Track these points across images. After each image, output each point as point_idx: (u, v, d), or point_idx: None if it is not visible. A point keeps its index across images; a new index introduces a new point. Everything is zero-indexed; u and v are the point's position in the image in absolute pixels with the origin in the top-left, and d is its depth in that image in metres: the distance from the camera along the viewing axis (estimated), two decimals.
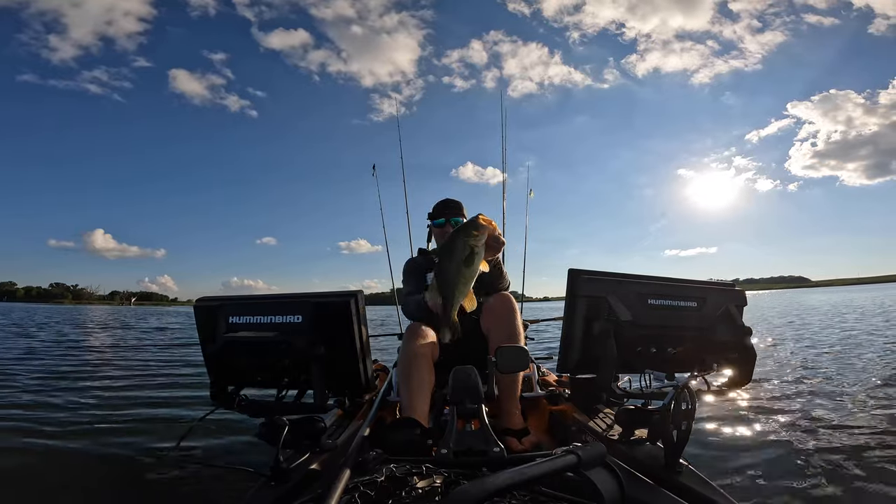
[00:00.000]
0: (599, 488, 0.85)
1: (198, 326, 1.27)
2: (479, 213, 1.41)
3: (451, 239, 1.40)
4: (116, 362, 6.72)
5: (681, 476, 1.10)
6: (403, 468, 0.93)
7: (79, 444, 2.77)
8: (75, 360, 6.87)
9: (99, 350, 8.43)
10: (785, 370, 4.93)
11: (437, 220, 2.31)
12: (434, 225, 2.34)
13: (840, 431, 2.75)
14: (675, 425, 1.11)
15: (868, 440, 2.59)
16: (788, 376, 4.57)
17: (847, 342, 7.09)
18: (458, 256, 1.36)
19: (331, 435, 1.52)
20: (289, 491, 1.08)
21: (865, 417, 3.05)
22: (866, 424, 2.87)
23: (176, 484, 2.20)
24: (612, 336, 1.14)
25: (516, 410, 1.82)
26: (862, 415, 3.12)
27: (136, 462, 2.48)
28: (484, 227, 1.37)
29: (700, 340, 1.22)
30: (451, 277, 1.39)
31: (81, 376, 5.33)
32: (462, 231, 1.38)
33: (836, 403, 3.43)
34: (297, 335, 1.13)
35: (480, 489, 0.70)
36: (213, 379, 1.24)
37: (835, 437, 2.67)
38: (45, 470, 2.39)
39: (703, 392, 1.25)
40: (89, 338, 11.33)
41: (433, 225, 2.35)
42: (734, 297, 1.27)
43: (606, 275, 1.20)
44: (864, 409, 3.28)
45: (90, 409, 3.66)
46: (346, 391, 1.30)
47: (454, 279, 1.39)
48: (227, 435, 2.84)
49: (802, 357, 5.83)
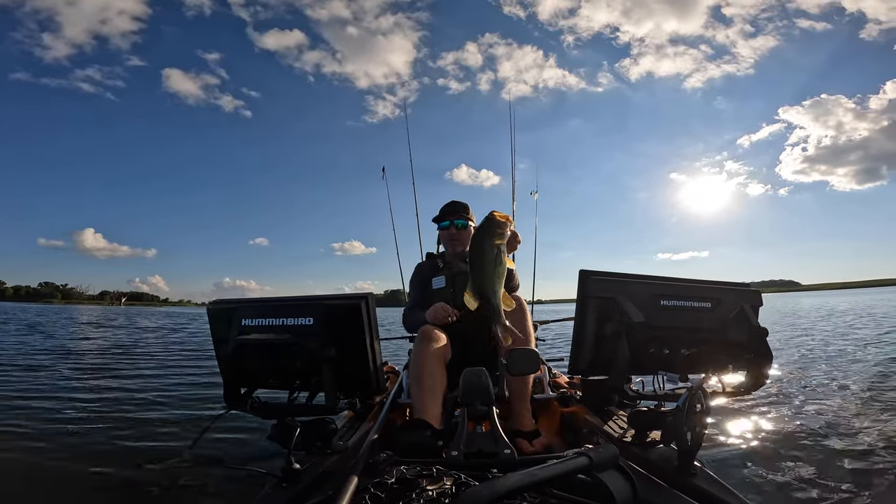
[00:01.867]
0: (612, 491, 0.84)
1: (211, 329, 1.29)
2: (491, 210, 1.40)
3: (478, 241, 1.37)
4: (127, 363, 6.83)
5: (695, 478, 1.08)
6: (414, 470, 0.93)
7: (93, 443, 2.82)
8: (89, 360, 7.00)
9: (107, 350, 8.57)
10: (800, 371, 4.84)
11: (443, 223, 2.31)
12: (440, 227, 2.34)
13: (858, 433, 2.69)
14: (688, 427, 1.10)
15: (886, 441, 2.53)
16: (803, 378, 4.49)
17: (858, 344, 6.95)
18: (490, 257, 1.34)
19: (342, 437, 1.53)
20: (300, 492, 1.09)
21: (882, 419, 2.98)
22: (883, 426, 2.81)
23: (189, 484, 2.23)
24: (623, 337, 1.13)
25: (527, 412, 1.81)
26: (879, 417, 3.05)
27: (151, 462, 2.51)
28: (505, 223, 1.37)
29: (714, 341, 1.20)
30: (488, 280, 1.36)
31: (95, 376, 5.43)
32: (486, 231, 1.36)
33: (853, 405, 3.36)
34: (308, 337, 1.14)
35: (491, 491, 0.70)
36: (227, 380, 1.26)
37: (852, 438, 2.61)
38: (59, 469, 2.44)
39: (718, 394, 1.23)
40: (95, 337, 11.53)
41: (438, 227, 2.35)
42: (749, 298, 1.25)
43: (618, 275, 1.19)
44: (880, 411, 3.20)
45: (104, 410, 3.73)
46: (356, 393, 1.31)
47: (492, 281, 1.36)
48: (239, 436, 2.87)
49: (816, 358, 5.72)
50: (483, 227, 1.38)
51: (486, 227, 1.37)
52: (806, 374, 4.73)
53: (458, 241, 2.29)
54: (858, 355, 5.82)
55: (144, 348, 9.34)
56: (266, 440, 1.21)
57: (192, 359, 7.44)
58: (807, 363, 5.40)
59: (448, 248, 2.33)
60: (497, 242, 1.35)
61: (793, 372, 4.85)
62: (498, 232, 1.35)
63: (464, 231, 2.28)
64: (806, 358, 5.83)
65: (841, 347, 6.72)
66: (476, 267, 1.38)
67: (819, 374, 4.71)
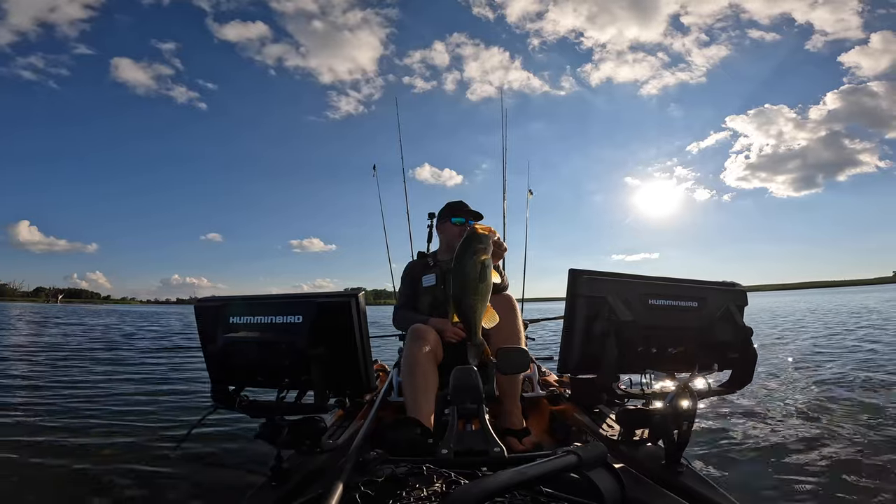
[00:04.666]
0: (600, 488, 0.85)
1: (198, 327, 1.27)
2: (474, 223, 1.38)
3: (459, 259, 1.34)
4: (112, 361, 6.72)
5: (682, 476, 1.10)
6: (404, 468, 0.93)
7: (79, 443, 2.77)
8: (71, 359, 6.87)
9: (94, 350, 8.43)
10: (784, 370, 4.94)
11: (456, 219, 2.26)
12: (451, 223, 2.29)
13: (842, 430, 2.75)
14: (675, 425, 1.11)
15: (871, 438, 2.59)
16: (788, 376, 4.57)
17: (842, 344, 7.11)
18: (472, 275, 1.31)
19: (331, 435, 1.52)
20: (289, 491, 1.09)
21: (867, 416, 3.05)
22: (868, 423, 2.87)
23: (177, 484, 2.20)
24: (612, 336, 1.14)
25: (517, 410, 1.82)
26: (864, 413, 3.12)
27: (138, 462, 2.48)
28: (487, 237, 1.34)
29: (701, 340, 1.21)
30: (468, 300, 1.33)
31: (77, 375, 5.33)
32: (467, 248, 1.33)
33: (837, 403, 3.43)
34: (297, 335, 1.13)
35: (481, 489, 0.70)
36: (214, 379, 1.24)
37: (835, 436, 2.66)
38: (44, 470, 2.39)
39: (704, 392, 1.25)
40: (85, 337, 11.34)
41: (450, 222, 2.29)
42: (735, 297, 1.27)
43: (607, 275, 1.20)
44: (866, 408, 3.28)
45: (89, 409, 3.66)
46: (346, 391, 1.30)
47: (472, 301, 1.33)
48: (227, 435, 2.84)
49: (800, 357, 5.84)
50: (463, 245, 1.34)
51: (466, 243, 1.33)
52: (792, 373, 4.82)
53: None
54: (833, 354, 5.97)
55: (133, 348, 9.19)
56: (254, 439, 1.20)
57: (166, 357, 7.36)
58: (795, 362, 5.51)
59: (457, 243, 2.28)
60: (482, 258, 1.32)
61: (779, 370, 4.93)
62: (479, 248, 1.32)
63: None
64: (796, 356, 5.95)
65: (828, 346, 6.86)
66: (456, 286, 1.35)
67: (809, 372, 4.80)
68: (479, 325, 1.37)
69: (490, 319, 1.40)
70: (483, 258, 1.32)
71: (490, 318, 1.40)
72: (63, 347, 8.65)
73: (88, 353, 7.81)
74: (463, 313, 1.36)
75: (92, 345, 9.40)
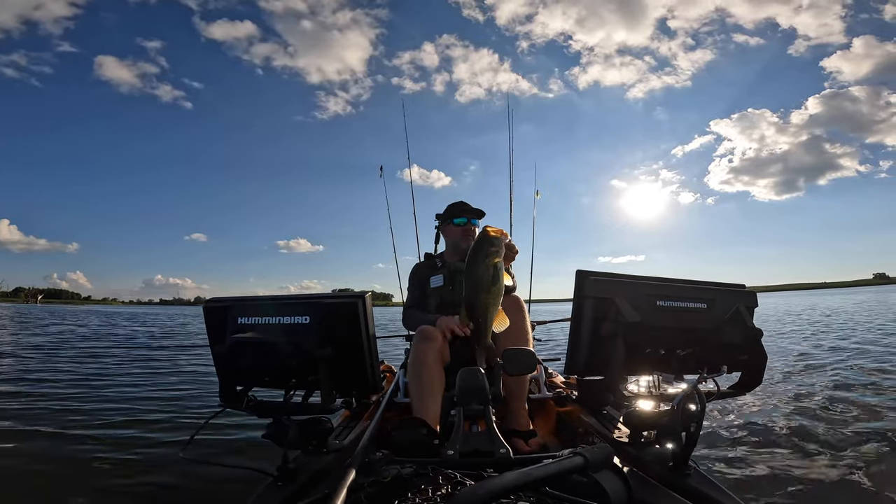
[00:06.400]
0: (606, 490, 0.85)
1: (207, 327, 1.28)
2: (484, 225, 1.38)
3: (471, 262, 1.35)
4: (123, 360, 6.79)
5: (689, 478, 1.09)
6: (409, 469, 0.93)
7: (87, 443, 2.81)
8: (84, 359, 6.96)
9: (94, 350, 8.52)
10: (795, 372, 4.87)
11: (458, 220, 2.27)
12: (454, 224, 2.29)
13: (852, 434, 2.71)
14: (683, 427, 1.10)
15: (879, 441, 2.55)
16: (798, 378, 4.52)
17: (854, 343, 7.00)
18: (484, 277, 1.32)
19: (338, 435, 1.52)
20: (295, 491, 1.09)
21: (879, 418, 3.00)
22: (879, 426, 2.83)
23: (185, 483, 2.22)
24: (619, 337, 1.13)
25: (523, 412, 1.82)
26: (874, 415, 3.07)
27: (146, 461, 2.50)
28: (500, 239, 1.34)
29: (709, 342, 1.20)
30: (480, 302, 1.34)
31: (90, 375, 5.40)
32: (479, 251, 1.34)
33: (848, 405, 3.38)
34: (304, 336, 1.14)
35: (486, 490, 0.70)
36: (222, 379, 1.25)
37: (846, 439, 2.63)
38: (52, 469, 2.43)
39: (713, 394, 1.24)
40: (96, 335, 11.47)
41: (452, 224, 2.29)
42: (745, 298, 1.25)
43: (614, 276, 1.19)
44: (876, 410, 3.23)
45: (100, 408, 3.71)
46: (353, 392, 1.30)
47: (484, 303, 1.34)
48: (235, 435, 2.86)
49: (812, 360, 5.76)
50: (475, 247, 1.35)
51: (478, 246, 1.34)
52: (801, 375, 4.76)
53: (474, 236, 2.27)
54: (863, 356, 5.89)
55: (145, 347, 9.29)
56: (261, 439, 1.21)
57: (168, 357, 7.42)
58: (807, 364, 5.44)
59: (462, 244, 2.27)
60: (495, 261, 1.32)
61: (790, 372, 4.87)
62: (491, 251, 1.32)
63: (478, 228, 2.27)
64: (806, 358, 5.87)
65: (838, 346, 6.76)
66: (468, 288, 1.36)
67: (820, 374, 4.73)
68: (490, 328, 1.38)
69: (501, 323, 1.41)
70: (495, 261, 1.33)
71: (501, 321, 1.41)
72: (68, 347, 8.77)
73: (89, 352, 7.91)
74: (474, 316, 1.37)
75: (94, 344, 9.51)
